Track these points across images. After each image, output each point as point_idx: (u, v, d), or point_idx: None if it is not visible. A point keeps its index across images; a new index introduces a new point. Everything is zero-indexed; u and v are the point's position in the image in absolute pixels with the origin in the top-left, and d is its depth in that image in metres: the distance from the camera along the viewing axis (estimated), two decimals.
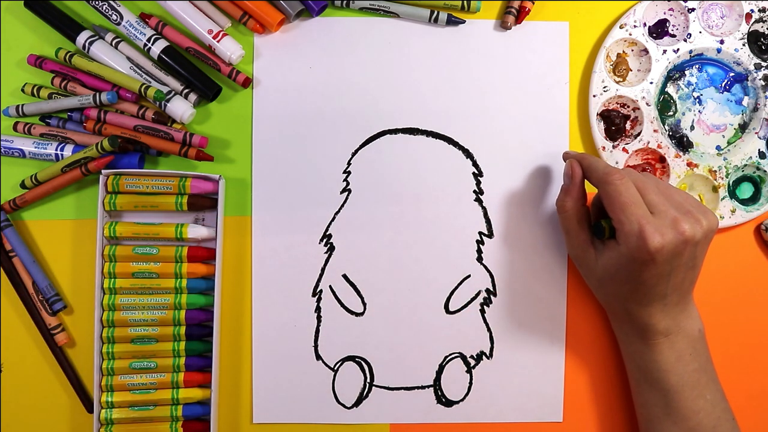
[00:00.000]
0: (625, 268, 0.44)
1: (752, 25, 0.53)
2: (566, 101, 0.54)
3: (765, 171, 0.53)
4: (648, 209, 0.44)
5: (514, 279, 0.53)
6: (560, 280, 0.53)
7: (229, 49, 0.52)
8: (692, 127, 0.54)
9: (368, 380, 0.53)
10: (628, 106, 0.54)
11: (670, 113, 0.54)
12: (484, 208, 0.53)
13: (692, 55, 0.54)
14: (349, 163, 0.53)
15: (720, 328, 0.53)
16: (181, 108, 0.51)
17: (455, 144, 0.53)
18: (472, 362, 0.53)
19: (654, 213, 0.44)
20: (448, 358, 0.53)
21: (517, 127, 0.53)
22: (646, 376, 0.47)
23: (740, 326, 0.54)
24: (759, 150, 0.53)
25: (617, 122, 0.54)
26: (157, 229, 0.51)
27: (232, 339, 0.53)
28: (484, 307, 0.53)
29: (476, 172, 0.53)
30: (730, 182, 0.53)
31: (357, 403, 0.53)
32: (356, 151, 0.53)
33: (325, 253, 0.53)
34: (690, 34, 0.53)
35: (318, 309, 0.53)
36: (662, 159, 0.53)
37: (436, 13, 0.53)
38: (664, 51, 0.53)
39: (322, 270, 0.53)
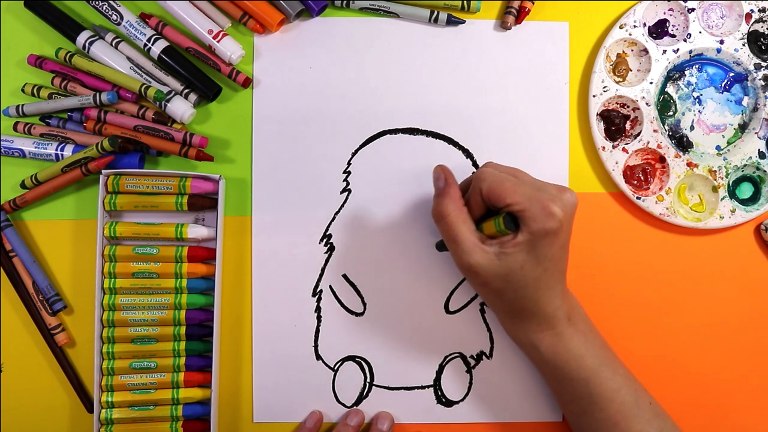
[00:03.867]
0: (535, 251, 0.44)
1: (752, 25, 0.53)
2: (566, 101, 0.54)
3: (765, 171, 0.53)
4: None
5: None
6: None
7: (229, 49, 0.52)
8: (692, 127, 0.54)
9: (368, 380, 0.53)
10: (628, 106, 0.54)
11: (670, 113, 0.54)
12: None
13: (692, 55, 0.54)
14: (349, 163, 0.53)
15: (720, 328, 0.53)
16: (181, 108, 0.51)
17: (455, 144, 0.53)
18: (472, 362, 0.53)
19: (537, 189, 0.44)
20: (448, 358, 0.53)
21: (517, 127, 0.53)
22: (565, 371, 0.47)
23: (740, 326, 0.54)
24: (759, 150, 0.53)
25: (617, 122, 0.54)
26: (157, 229, 0.51)
27: (232, 339, 0.53)
28: (484, 307, 0.53)
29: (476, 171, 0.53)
30: (730, 182, 0.53)
31: (357, 403, 0.53)
32: (356, 151, 0.53)
33: (325, 253, 0.53)
34: (690, 34, 0.53)
35: (318, 309, 0.53)
36: (662, 159, 0.53)
37: (436, 13, 0.53)
38: (664, 51, 0.53)
39: (322, 270, 0.53)
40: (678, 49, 0.53)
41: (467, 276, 0.46)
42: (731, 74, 0.54)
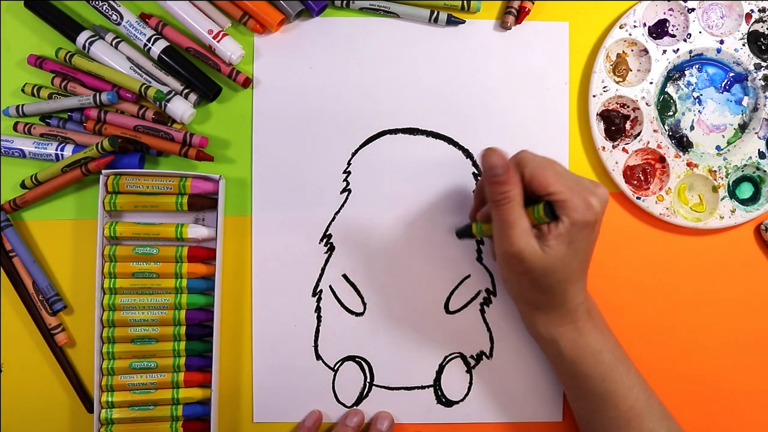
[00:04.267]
0: (574, 244, 0.43)
1: (752, 25, 0.53)
2: (566, 101, 0.54)
3: (765, 171, 0.53)
4: None
5: None
6: None
7: (229, 49, 0.52)
8: (692, 127, 0.54)
9: (368, 380, 0.53)
10: (628, 106, 0.54)
11: (670, 113, 0.54)
12: None
13: (692, 55, 0.54)
14: (349, 163, 0.53)
15: (720, 328, 0.53)
16: (181, 108, 0.51)
17: (455, 144, 0.53)
18: (472, 362, 0.53)
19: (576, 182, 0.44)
20: (448, 358, 0.53)
21: (517, 127, 0.53)
22: (582, 367, 0.47)
23: (740, 326, 0.54)
24: (759, 150, 0.53)
25: (617, 122, 0.54)
26: (157, 229, 0.51)
27: (232, 339, 0.53)
28: (484, 307, 0.53)
29: (476, 172, 0.53)
30: (730, 182, 0.53)
31: (357, 403, 0.53)
32: (356, 151, 0.53)
33: (325, 253, 0.53)
34: (690, 34, 0.53)
35: (318, 309, 0.53)
36: (662, 159, 0.53)
37: (436, 13, 0.53)
38: (664, 51, 0.53)
39: (322, 270, 0.53)
40: (678, 49, 0.53)
41: (510, 263, 0.45)
42: (731, 74, 0.54)
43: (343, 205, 0.53)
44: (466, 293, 0.53)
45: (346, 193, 0.53)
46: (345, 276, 0.53)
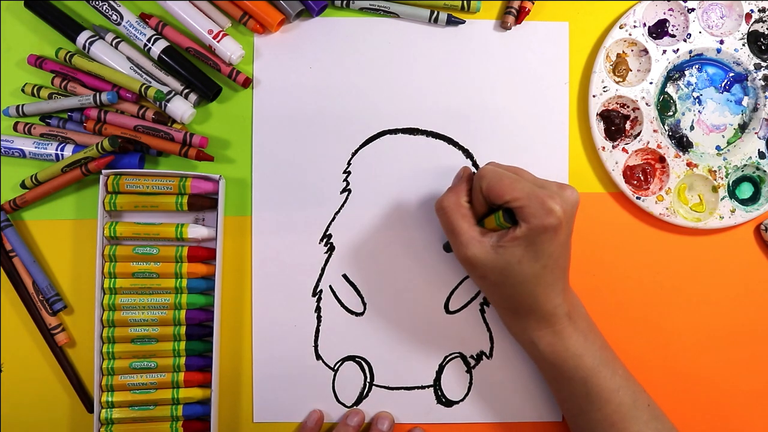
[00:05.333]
0: (533, 247, 0.44)
1: (752, 25, 0.53)
2: (566, 101, 0.54)
3: (765, 171, 0.53)
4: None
5: None
6: None
7: (229, 49, 0.52)
8: (692, 127, 0.54)
9: (368, 380, 0.53)
10: (628, 106, 0.54)
11: (670, 113, 0.54)
12: None
13: (692, 55, 0.54)
14: (349, 163, 0.53)
15: (720, 328, 0.53)
16: (181, 108, 0.51)
17: (455, 144, 0.53)
18: (472, 362, 0.53)
19: (537, 186, 0.44)
20: (448, 358, 0.53)
21: (517, 127, 0.54)
22: (563, 370, 0.47)
23: (740, 326, 0.54)
24: (759, 150, 0.53)
25: (617, 122, 0.54)
26: (157, 229, 0.51)
27: (232, 339, 0.53)
28: (484, 307, 0.53)
29: (476, 171, 0.53)
30: (730, 182, 0.53)
31: (357, 403, 0.53)
32: (356, 151, 0.53)
33: (325, 253, 0.53)
34: (690, 34, 0.53)
35: (318, 309, 0.53)
36: (662, 159, 0.53)
37: (436, 13, 0.53)
38: (664, 51, 0.53)
39: (322, 270, 0.53)
40: (678, 49, 0.53)
41: (467, 268, 0.47)
42: (731, 74, 0.54)
43: (343, 205, 0.53)
44: (466, 293, 0.53)
45: (346, 193, 0.53)
46: (345, 276, 0.53)
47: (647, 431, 0.46)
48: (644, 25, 0.53)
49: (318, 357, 0.53)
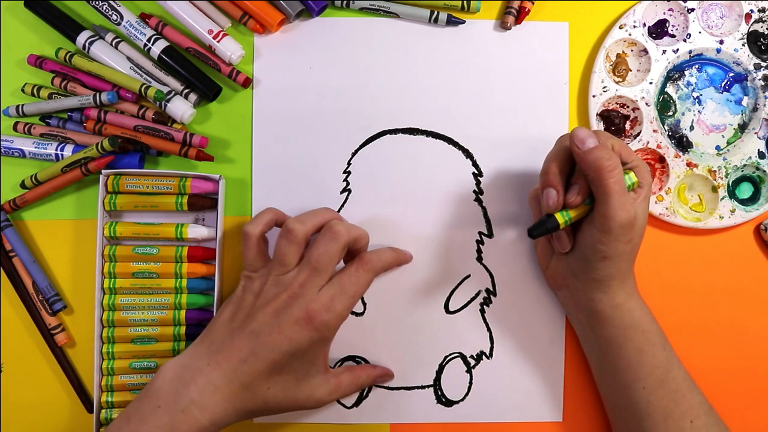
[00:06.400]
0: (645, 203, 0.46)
1: (752, 25, 0.54)
2: (566, 101, 0.54)
3: (764, 171, 0.53)
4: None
5: (514, 279, 0.53)
6: None
7: (229, 49, 0.52)
8: (692, 127, 0.54)
9: None
10: (628, 107, 0.54)
11: (670, 113, 0.54)
12: (483, 208, 0.53)
13: (692, 55, 0.54)
14: (349, 163, 0.53)
15: (720, 328, 0.53)
16: (181, 108, 0.51)
17: (455, 144, 0.53)
18: (472, 362, 0.53)
19: None
20: (448, 358, 0.53)
21: (517, 128, 0.54)
22: (653, 336, 0.48)
23: (740, 326, 0.54)
24: (758, 150, 0.53)
25: (617, 122, 0.54)
26: (157, 229, 0.51)
27: None
28: (484, 307, 0.53)
29: (476, 172, 0.53)
30: (730, 182, 0.53)
31: (357, 403, 0.53)
32: (356, 151, 0.53)
33: None
34: (689, 35, 0.53)
35: None
36: (662, 159, 0.53)
37: (436, 13, 0.53)
38: (664, 51, 0.53)
39: None
40: (678, 49, 0.53)
41: (622, 232, 0.44)
42: (731, 74, 0.54)
43: (343, 205, 0.53)
44: (466, 293, 0.53)
45: (346, 193, 0.53)
46: None
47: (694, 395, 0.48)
48: (644, 25, 0.53)
49: None
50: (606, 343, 0.48)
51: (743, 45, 0.53)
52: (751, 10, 0.53)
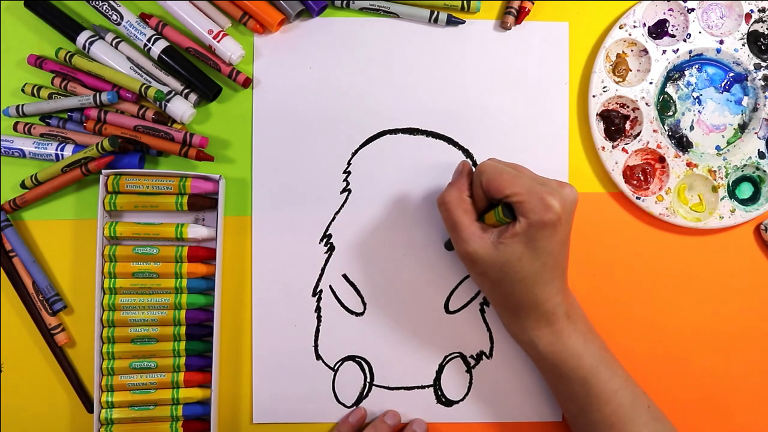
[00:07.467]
0: (533, 243, 0.44)
1: (752, 25, 0.54)
2: (566, 101, 0.54)
3: (764, 171, 0.53)
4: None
5: None
6: None
7: (229, 49, 0.52)
8: (692, 127, 0.54)
9: (368, 380, 0.53)
10: (628, 107, 0.54)
11: (670, 113, 0.54)
12: None
13: (692, 55, 0.54)
14: (349, 163, 0.53)
15: (720, 328, 0.53)
16: (181, 108, 0.51)
17: (455, 144, 0.53)
18: (472, 362, 0.53)
19: (537, 183, 0.45)
20: (448, 357, 0.53)
21: (517, 127, 0.54)
22: (562, 370, 0.47)
23: (740, 326, 0.54)
24: (759, 150, 0.53)
25: (617, 122, 0.54)
26: (157, 229, 0.51)
27: (232, 339, 0.53)
28: (484, 306, 0.53)
29: None
30: (730, 182, 0.53)
31: (357, 403, 0.53)
32: (356, 151, 0.53)
33: (325, 253, 0.53)
34: (690, 35, 0.53)
35: (318, 309, 0.53)
36: (662, 159, 0.53)
37: (436, 13, 0.53)
38: (664, 51, 0.53)
39: (322, 270, 0.53)
40: (678, 49, 0.53)
41: (467, 265, 0.47)
42: (731, 74, 0.54)
43: (343, 205, 0.53)
44: (466, 293, 0.53)
45: (346, 193, 0.53)
46: (345, 276, 0.53)
47: None
48: (644, 25, 0.53)
49: (318, 357, 0.53)
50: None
51: (743, 45, 0.53)
52: (751, 10, 0.53)
